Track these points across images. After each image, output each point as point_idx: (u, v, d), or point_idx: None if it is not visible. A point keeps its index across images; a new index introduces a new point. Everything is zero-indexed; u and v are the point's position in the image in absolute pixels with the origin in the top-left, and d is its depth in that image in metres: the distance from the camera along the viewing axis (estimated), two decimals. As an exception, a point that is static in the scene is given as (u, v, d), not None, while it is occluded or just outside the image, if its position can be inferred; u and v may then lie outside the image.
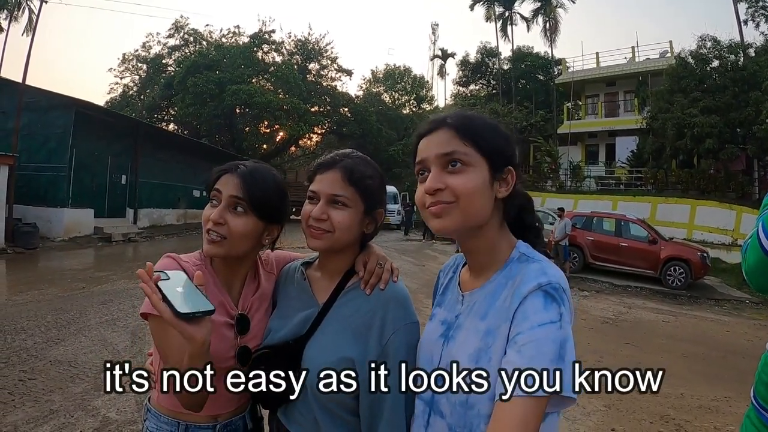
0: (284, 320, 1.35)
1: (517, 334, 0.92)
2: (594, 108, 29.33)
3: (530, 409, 0.86)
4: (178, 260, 1.32)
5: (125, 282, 9.22)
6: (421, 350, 1.18)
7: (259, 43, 38.68)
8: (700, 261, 12.66)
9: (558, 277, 0.98)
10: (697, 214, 18.77)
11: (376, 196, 1.33)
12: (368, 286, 1.28)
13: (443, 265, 1.35)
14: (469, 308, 1.09)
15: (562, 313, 0.92)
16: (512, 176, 1.08)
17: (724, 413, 4.75)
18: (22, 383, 4.43)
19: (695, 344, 7.48)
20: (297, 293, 1.40)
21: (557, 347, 0.89)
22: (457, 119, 1.07)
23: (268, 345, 1.32)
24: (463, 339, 1.05)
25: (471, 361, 1.00)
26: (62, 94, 16.53)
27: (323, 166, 1.32)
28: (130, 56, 42.13)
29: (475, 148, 1.03)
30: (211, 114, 34.30)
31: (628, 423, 4.39)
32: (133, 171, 19.59)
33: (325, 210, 1.25)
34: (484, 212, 1.05)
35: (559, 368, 0.87)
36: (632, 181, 23.61)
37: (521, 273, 1.01)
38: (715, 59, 19.98)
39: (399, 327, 1.22)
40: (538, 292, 0.94)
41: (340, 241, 1.28)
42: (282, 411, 1.31)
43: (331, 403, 1.21)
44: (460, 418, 1.01)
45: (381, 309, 1.24)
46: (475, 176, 1.02)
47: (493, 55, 38.50)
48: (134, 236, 17.42)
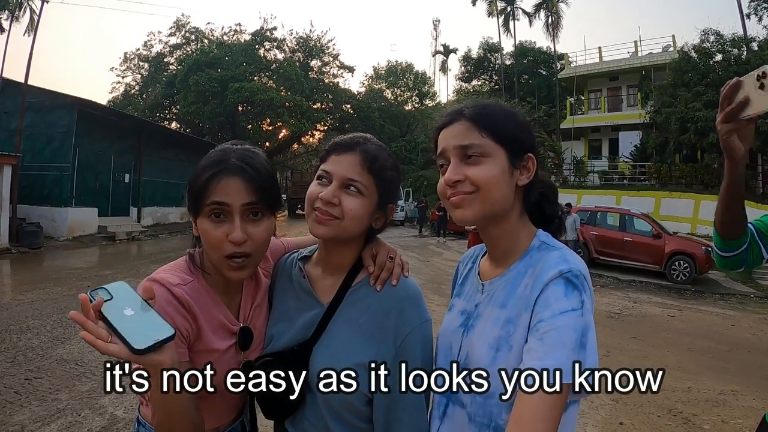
0: (286, 324, 1.25)
1: (539, 321, 0.92)
2: (597, 103, 29.26)
3: (552, 397, 0.85)
4: (168, 287, 1.12)
5: (130, 280, 9.20)
6: (440, 341, 1.17)
7: (261, 40, 38.72)
8: (704, 255, 12.60)
9: (579, 264, 0.97)
10: (701, 209, 18.72)
11: (393, 190, 1.23)
12: (379, 281, 1.19)
13: (462, 256, 1.34)
14: (488, 297, 1.08)
15: (583, 300, 0.91)
16: (533, 163, 1.07)
17: (731, 406, 4.73)
18: (29, 382, 4.44)
19: (701, 338, 7.45)
20: (296, 292, 1.28)
21: (578, 335, 0.88)
22: (473, 110, 1.07)
23: (272, 352, 1.21)
24: (482, 328, 1.05)
25: (491, 350, 1.00)
26: (65, 94, 16.57)
27: (341, 146, 1.20)
28: (131, 55, 42.22)
29: (492, 137, 1.03)
30: (214, 112, 34.36)
31: (636, 417, 4.37)
32: (137, 170, 19.64)
33: (337, 194, 1.13)
34: (505, 200, 1.04)
35: (581, 356, 0.87)
36: (636, 175, 23.58)
37: (542, 261, 1.00)
38: (719, 53, 19.94)
39: (415, 327, 1.15)
40: (560, 279, 0.93)
41: (347, 231, 1.16)
42: (290, 421, 1.22)
43: (343, 410, 1.14)
44: (480, 407, 1.00)
45: (395, 308, 1.16)
46: (493, 166, 1.02)
47: (496, 50, 38.39)
48: (138, 235, 17.46)
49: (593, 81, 29.30)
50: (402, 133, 42.22)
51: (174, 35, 41.04)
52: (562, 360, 0.86)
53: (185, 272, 1.19)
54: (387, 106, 43.29)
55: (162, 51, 41.08)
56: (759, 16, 21.65)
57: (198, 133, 34.71)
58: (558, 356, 0.86)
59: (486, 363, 1.00)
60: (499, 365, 0.97)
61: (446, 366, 1.11)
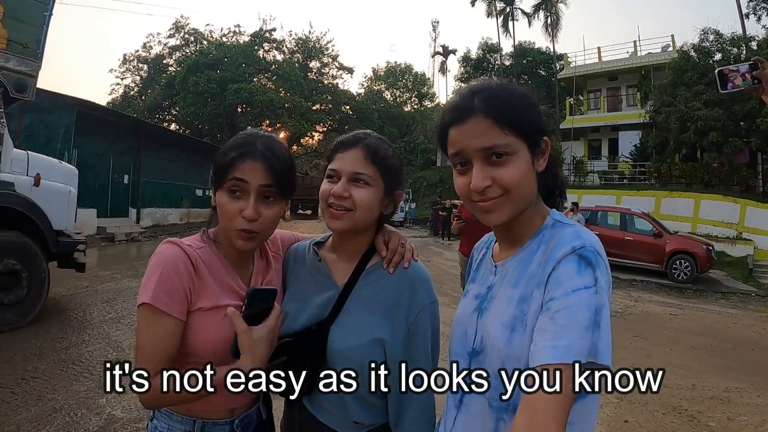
0: (301, 304, 1.31)
1: (550, 300, 0.88)
2: (596, 103, 29.22)
3: (565, 378, 0.81)
4: (180, 245, 1.23)
5: (129, 280, 9.18)
6: (455, 327, 1.14)
7: (260, 41, 38.78)
8: (705, 254, 12.60)
9: (593, 240, 0.93)
10: (702, 208, 18.66)
11: (397, 177, 1.32)
12: (392, 264, 1.28)
13: (477, 242, 1.32)
14: (501, 278, 1.05)
15: (597, 277, 0.87)
16: (547, 145, 1.02)
17: (736, 404, 4.70)
18: (26, 382, 4.38)
19: (704, 336, 7.42)
20: (311, 275, 1.36)
21: (592, 314, 0.83)
22: (488, 103, 0.98)
23: (290, 333, 1.27)
24: (496, 309, 1.01)
25: (505, 330, 0.96)
26: (64, 95, 16.46)
27: (344, 144, 1.29)
28: (131, 57, 42.33)
29: (515, 133, 0.96)
30: (213, 113, 34.40)
31: (641, 414, 4.33)
32: (136, 170, 19.53)
33: (347, 188, 1.22)
34: (532, 194, 1.02)
35: (594, 336, 0.82)
36: (636, 175, 23.54)
37: (555, 237, 0.97)
38: (718, 52, 19.94)
39: (425, 306, 1.25)
40: (572, 256, 0.89)
41: (361, 221, 1.24)
42: (307, 398, 1.28)
43: (361, 387, 1.20)
44: (498, 390, 0.96)
45: (408, 288, 1.25)
46: (520, 164, 0.97)
47: (495, 51, 38.43)
48: (137, 236, 17.38)
49: (592, 81, 29.25)
50: (401, 134, 42.26)
51: (173, 36, 41.17)
52: (575, 339, 0.81)
53: (199, 241, 1.30)
54: (386, 107, 43.40)
55: (161, 52, 41.17)
56: (758, 15, 21.66)
57: (197, 135, 34.73)
58: (570, 336, 0.82)
59: (501, 344, 0.96)
60: (515, 346, 0.93)
61: (463, 355, 1.08)
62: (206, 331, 1.20)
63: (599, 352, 0.82)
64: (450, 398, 1.12)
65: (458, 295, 8.60)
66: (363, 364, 1.19)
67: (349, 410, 1.22)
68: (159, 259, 1.18)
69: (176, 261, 1.18)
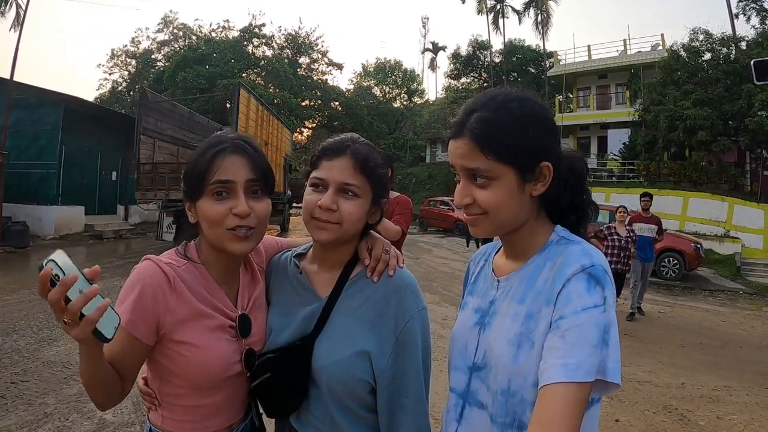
0: (285, 318, 1.26)
1: (560, 318, 0.89)
2: (586, 101, 29.32)
3: (575, 394, 0.82)
4: (161, 264, 1.15)
5: (118, 279, 9.09)
6: (455, 341, 1.15)
7: (249, 37, 38.53)
8: (694, 252, 12.71)
9: (601, 259, 0.94)
10: (690, 206, 18.83)
11: (385, 186, 1.27)
12: (376, 273, 1.22)
13: (473, 254, 1.32)
14: (504, 293, 1.06)
15: (606, 296, 0.90)
16: (549, 170, 1.00)
17: (725, 402, 4.75)
18: (15, 386, 4.33)
19: (692, 334, 7.50)
20: (294, 288, 1.30)
21: (601, 332, 0.86)
22: (478, 125, 0.98)
23: (274, 348, 1.23)
24: (500, 324, 1.02)
25: (511, 347, 0.96)
26: (51, 90, 16.26)
27: (331, 151, 1.20)
28: (119, 52, 41.85)
29: (498, 159, 0.96)
30: (202, 109, 34.00)
31: (631, 413, 4.37)
32: (124, 167, 19.34)
33: (335, 200, 1.15)
34: (518, 217, 1.02)
35: (603, 353, 0.85)
36: (624, 173, 23.71)
37: (562, 254, 0.98)
38: (708, 52, 20.05)
39: (414, 314, 1.19)
40: (582, 274, 0.91)
41: (348, 233, 1.19)
42: (295, 417, 1.23)
43: (348, 401, 1.16)
44: (502, 407, 0.97)
45: (394, 296, 1.19)
46: (499, 189, 0.98)
47: (485, 47, 38.37)
48: (125, 233, 17.25)
49: (582, 79, 29.36)
50: (391, 130, 42.20)
51: (162, 31, 40.82)
52: (585, 357, 0.84)
53: (179, 256, 1.22)
54: (376, 103, 43.30)
55: (149, 47, 40.79)
56: (747, 15, 21.80)
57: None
58: (580, 354, 0.84)
59: (507, 360, 0.96)
60: (521, 363, 0.94)
61: (464, 369, 1.09)
62: (192, 357, 1.16)
63: (608, 369, 0.85)
64: (450, 411, 1.11)
65: (449, 294, 8.64)
66: (350, 379, 1.14)
67: (339, 426, 1.17)
68: (137, 279, 1.13)
69: (154, 285, 1.11)
